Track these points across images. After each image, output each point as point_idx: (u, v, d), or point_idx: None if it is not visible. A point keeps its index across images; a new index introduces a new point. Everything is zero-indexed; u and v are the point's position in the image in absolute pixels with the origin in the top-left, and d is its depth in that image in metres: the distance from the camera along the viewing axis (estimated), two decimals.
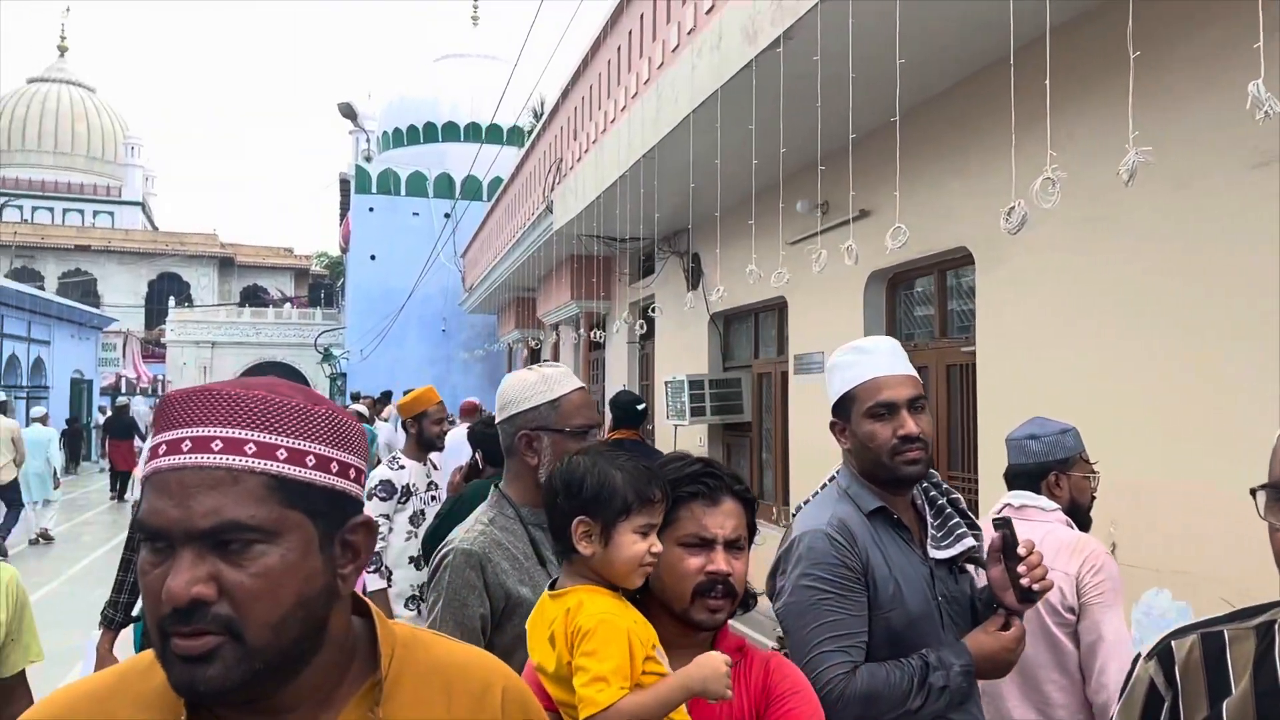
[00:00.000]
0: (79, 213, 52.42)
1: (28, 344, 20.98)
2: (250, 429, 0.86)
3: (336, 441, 0.91)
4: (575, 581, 1.45)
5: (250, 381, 0.91)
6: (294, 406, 0.89)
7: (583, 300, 12.83)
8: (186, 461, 0.84)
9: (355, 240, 24.78)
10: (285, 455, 0.87)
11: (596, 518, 1.43)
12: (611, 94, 8.54)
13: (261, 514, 0.84)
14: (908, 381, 1.94)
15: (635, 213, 8.26)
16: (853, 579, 1.82)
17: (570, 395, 1.92)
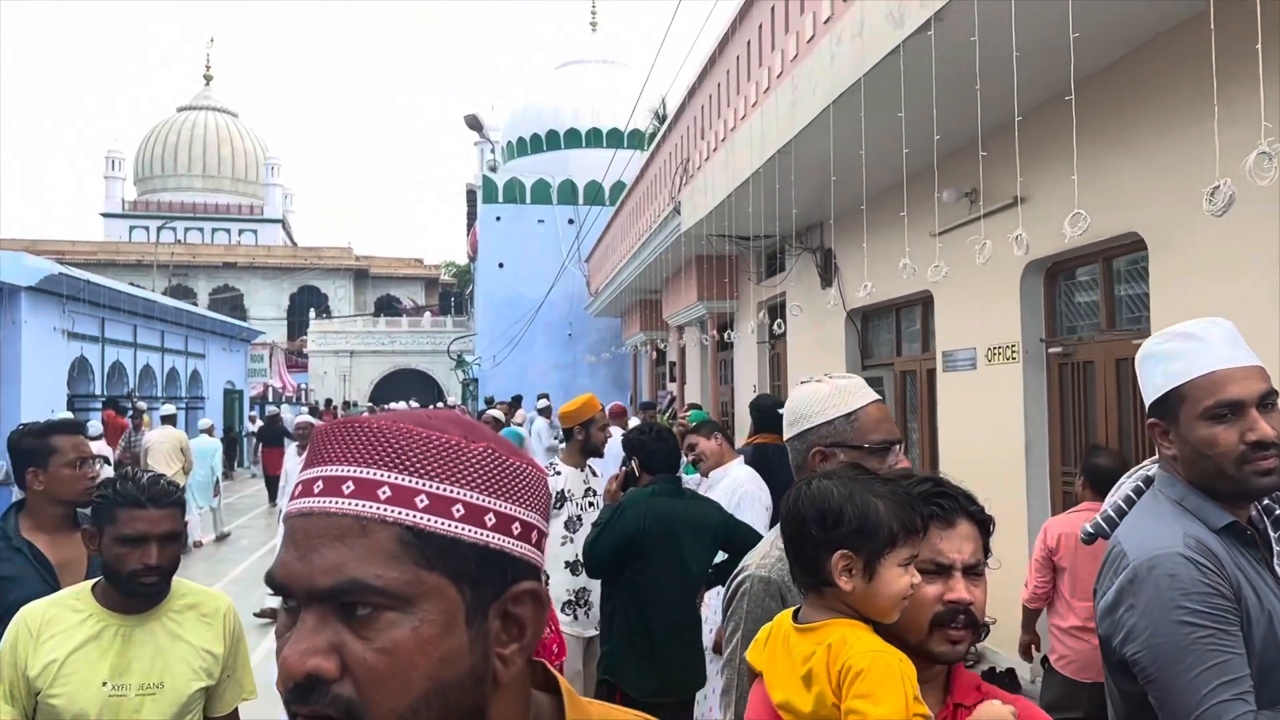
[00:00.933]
0: (226, 232, 55.67)
1: (185, 357, 22.32)
2: (387, 469, 0.71)
3: (496, 487, 0.74)
4: (825, 614, 1.33)
5: (408, 414, 0.76)
6: (444, 443, 0.73)
7: (709, 301, 12.70)
8: (314, 506, 0.71)
9: (483, 249, 25.38)
10: (426, 503, 0.71)
11: (859, 551, 1.30)
12: (741, 90, 8.39)
13: (391, 574, 0.69)
14: (1255, 374, 1.59)
15: (767, 210, 8.08)
16: (1230, 610, 1.51)
17: (867, 408, 1.78)
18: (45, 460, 2.61)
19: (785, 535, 1.39)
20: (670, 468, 3.36)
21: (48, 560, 2.55)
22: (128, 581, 1.99)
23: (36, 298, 14.84)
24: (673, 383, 18.06)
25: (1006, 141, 5.20)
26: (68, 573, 2.55)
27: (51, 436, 2.65)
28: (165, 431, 11.10)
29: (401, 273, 56.46)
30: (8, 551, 2.53)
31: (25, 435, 2.68)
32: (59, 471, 2.61)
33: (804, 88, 6.33)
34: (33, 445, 2.63)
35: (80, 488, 2.63)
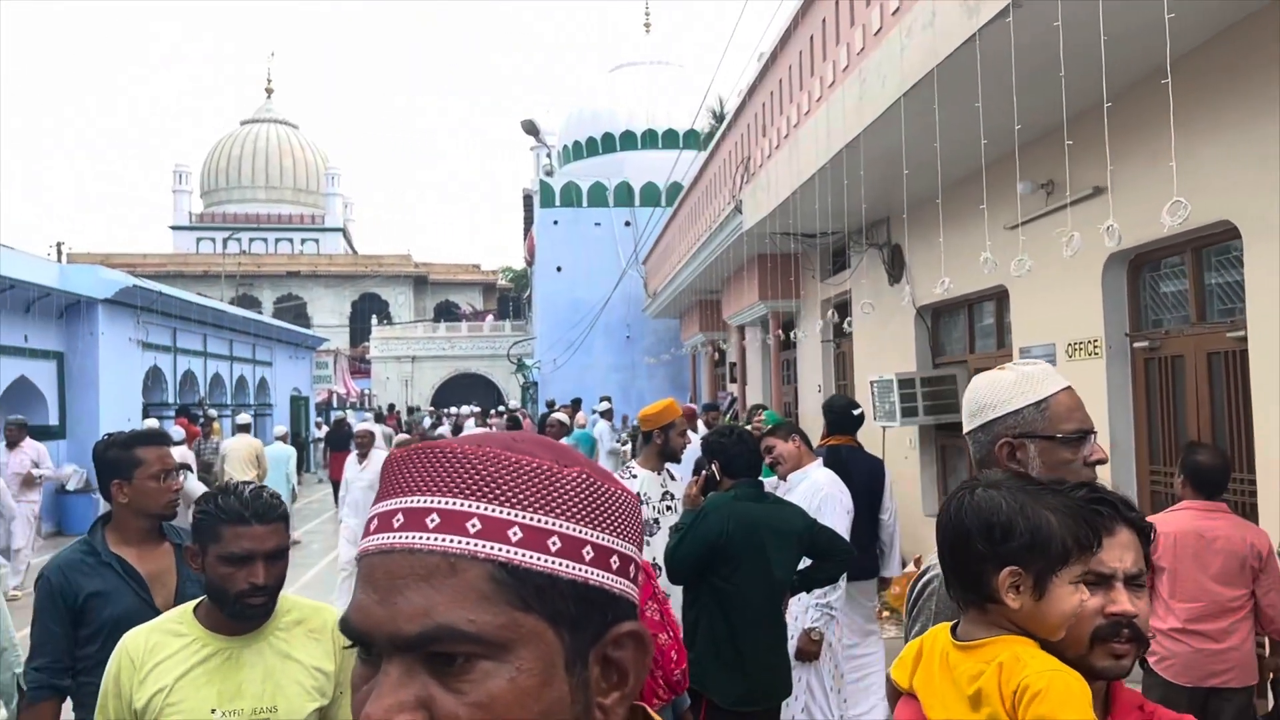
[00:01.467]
0: (289, 241, 56.87)
1: (253, 365, 22.82)
2: (476, 498, 0.64)
3: (592, 517, 0.66)
4: (988, 631, 1.25)
5: (491, 437, 0.68)
6: (535, 468, 0.65)
7: (771, 300, 12.56)
8: (395, 543, 0.64)
9: (541, 253, 25.52)
10: (520, 536, 0.64)
11: (1029, 568, 1.22)
12: (804, 86, 8.27)
13: (485, 618, 0.62)
14: None
15: (833, 206, 7.95)
16: None
17: (1058, 395, 1.68)
18: (130, 472, 2.56)
19: (944, 545, 1.31)
20: (752, 471, 3.28)
21: (138, 573, 2.52)
22: (234, 603, 1.90)
23: (113, 310, 15.29)
24: (733, 383, 17.93)
25: (1086, 129, 5.02)
26: (158, 585, 2.54)
27: (136, 448, 2.60)
28: (242, 439, 11.35)
29: (460, 278, 57.12)
30: (98, 567, 2.50)
31: (110, 446, 2.63)
32: (144, 484, 2.56)
33: (872, 81, 6.20)
34: (117, 457, 2.58)
35: (165, 500, 2.60)
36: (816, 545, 3.23)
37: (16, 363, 13.53)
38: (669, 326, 23.97)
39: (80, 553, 2.52)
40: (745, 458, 3.26)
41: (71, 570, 2.47)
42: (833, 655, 3.77)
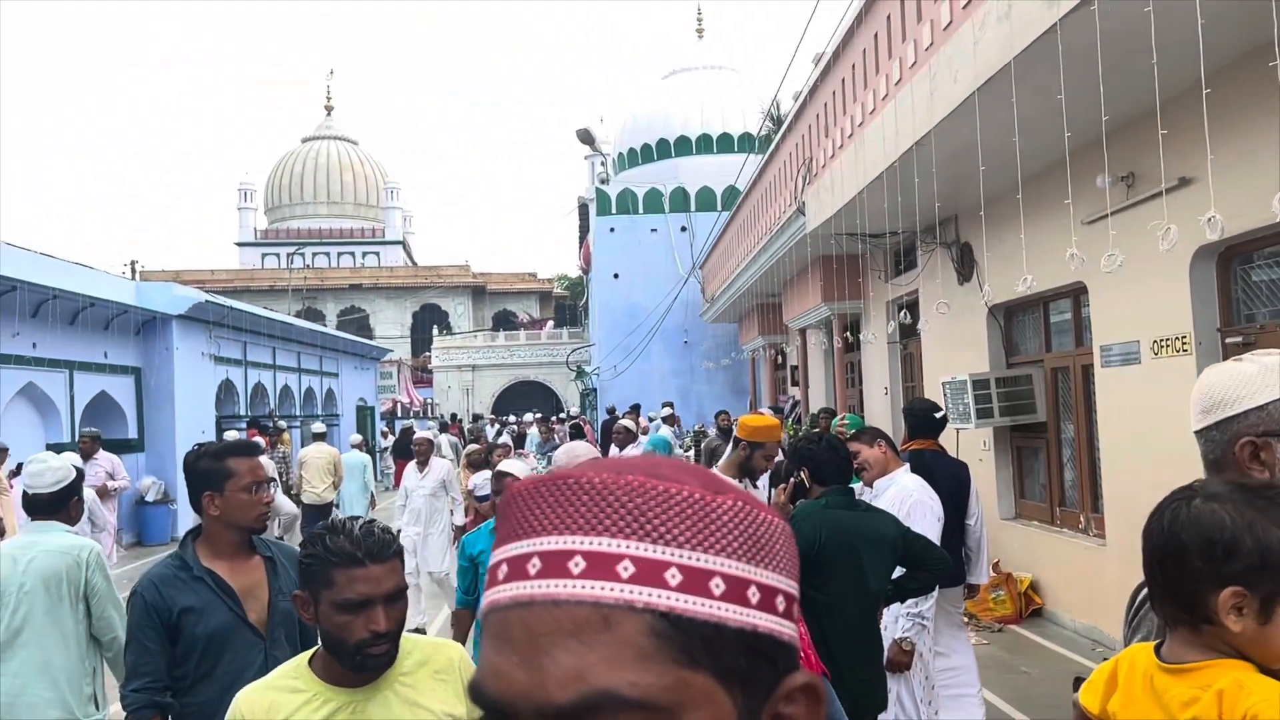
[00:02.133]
0: (350, 255, 57.98)
1: (320, 377, 23.26)
2: (625, 536, 0.55)
3: (755, 552, 0.57)
4: (1201, 654, 1.17)
5: (626, 463, 0.59)
6: (688, 499, 0.56)
7: (834, 302, 12.39)
8: (534, 592, 0.55)
9: (598, 261, 25.60)
10: (679, 579, 0.54)
11: (1255, 589, 1.13)
12: (869, 85, 8.14)
13: (649, 679, 0.53)
14: None
15: (902, 206, 7.82)
16: None
17: None
18: (221, 484, 2.49)
19: (1153, 560, 1.22)
20: (842, 478, 3.21)
21: (230, 588, 2.48)
22: (355, 654, 1.70)
23: (186, 325, 15.70)
24: (795, 386, 17.75)
25: (1171, 118, 4.85)
26: (251, 599, 2.51)
27: (228, 459, 2.53)
28: (319, 447, 11.64)
29: (516, 287, 57.65)
30: (191, 581, 2.45)
31: (201, 457, 2.56)
32: (235, 496, 2.50)
33: (943, 76, 6.07)
34: (209, 468, 2.52)
35: (256, 513, 2.53)
36: (911, 554, 3.14)
37: (97, 379, 13.96)
38: (727, 331, 23.85)
39: (173, 567, 2.48)
40: (835, 464, 3.19)
41: (165, 585, 2.43)
42: (924, 666, 3.67)
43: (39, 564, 3.22)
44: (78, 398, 13.44)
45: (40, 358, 12.53)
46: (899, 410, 11.85)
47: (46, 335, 12.60)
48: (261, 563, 2.59)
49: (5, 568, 3.21)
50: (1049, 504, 8.14)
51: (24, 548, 3.29)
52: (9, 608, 3.17)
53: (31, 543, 3.30)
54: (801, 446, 3.27)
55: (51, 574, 3.22)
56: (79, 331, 13.36)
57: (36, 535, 3.34)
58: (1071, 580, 7.49)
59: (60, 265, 13.10)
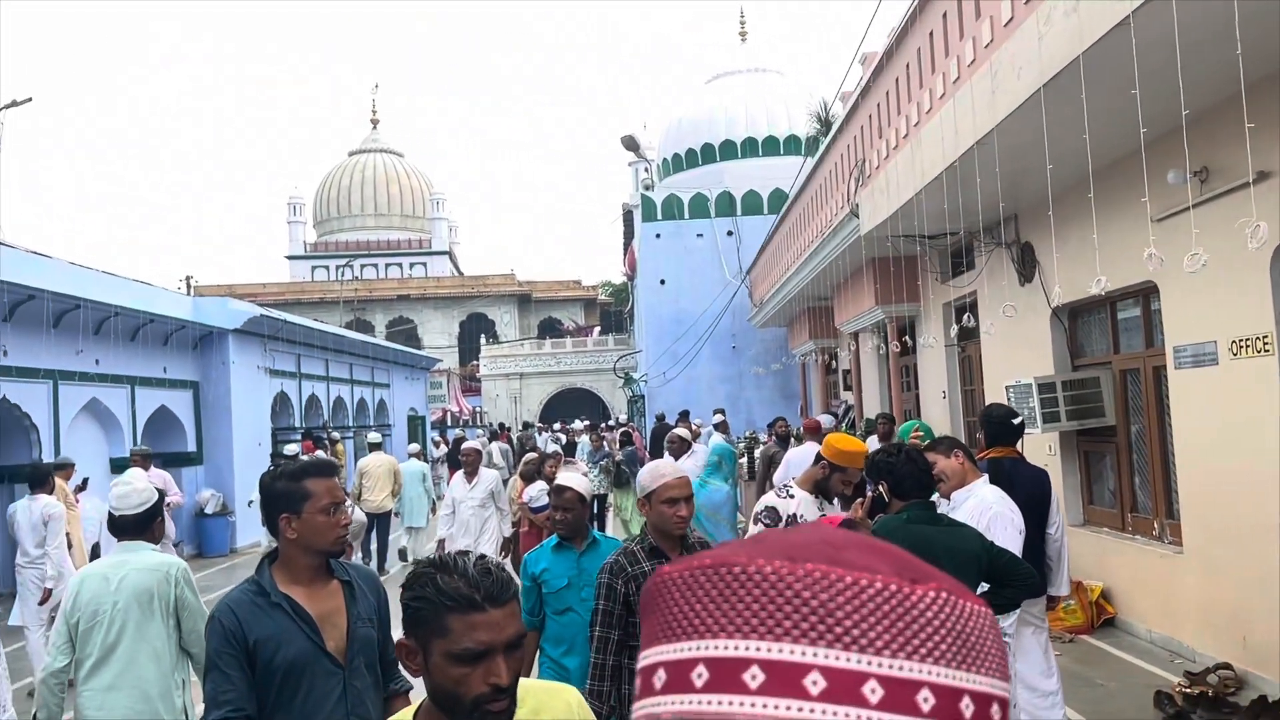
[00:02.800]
0: (398, 266, 58.67)
1: (372, 388, 23.52)
2: (810, 641, 0.46)
3: (964, 653, 0.48)
4: None
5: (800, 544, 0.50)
6: (881, 592, 0.47)
7: (888, 305, 12.19)
8: (703, 710, 0.47)
9: (644, 267, 25.57)
10: (880, 695, 0.45)
11: None
12: (925, 84, 7.99)
13: None
14: None
15: (962, 205, 7.65)
16: None
17: None
18: (299, 506, 2.40)
19: None
20: (924, 491, 3.10)
21: (309, 615, 2.38)
22: (471, 711, 1.50)
23: (242, 339, 15.95)
24: (847, 391, 17.53)
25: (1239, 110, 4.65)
26: (329, 626, 2.42)
27: (306, 480, 2.43)
28: (379, 457, 11.86)
29: (561, 295, 57.88)
30: (268, 608, 2.36)
31: (278, 478, 2.46)
32: (313, 518, 2.40)
33: (1005, 74, 5.92)
34: (286, 489, 2.42)
35: (334, 535, 2.44)
36: (996, 569, 3.02)
37: (157, 393, 14.23)
38: (776, 335, 23.66)
39: (249, 593, 2.39)
40: (916, 477, 3.08)
41: (242, 611, 2.35)
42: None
43: (130, 581, 3.37)
44: (139, 412, 13.70)
45: (103, 374, 12.80)
46: (957, 415, 11.63)
47: (108, 352, 12.86)
48: (339, 587, 2.49)
49: (98, 587, 3.36)
50: (1119, 510, 7.90)
51: (115, 567, 3.44)
52: (104, 624, 3.34)
53: (122, 561, 3.45)
54: (880, 459, 3.16)
55: (143, 591, 3.37)
56: (139, 347, 13.63)
57: (125, 555, 3.47)
58: (1146, 589, 7.25)
59: (120, 283, 13.38)
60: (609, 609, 3.03)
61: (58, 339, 11.73)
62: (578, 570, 3.63)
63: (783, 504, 3.76)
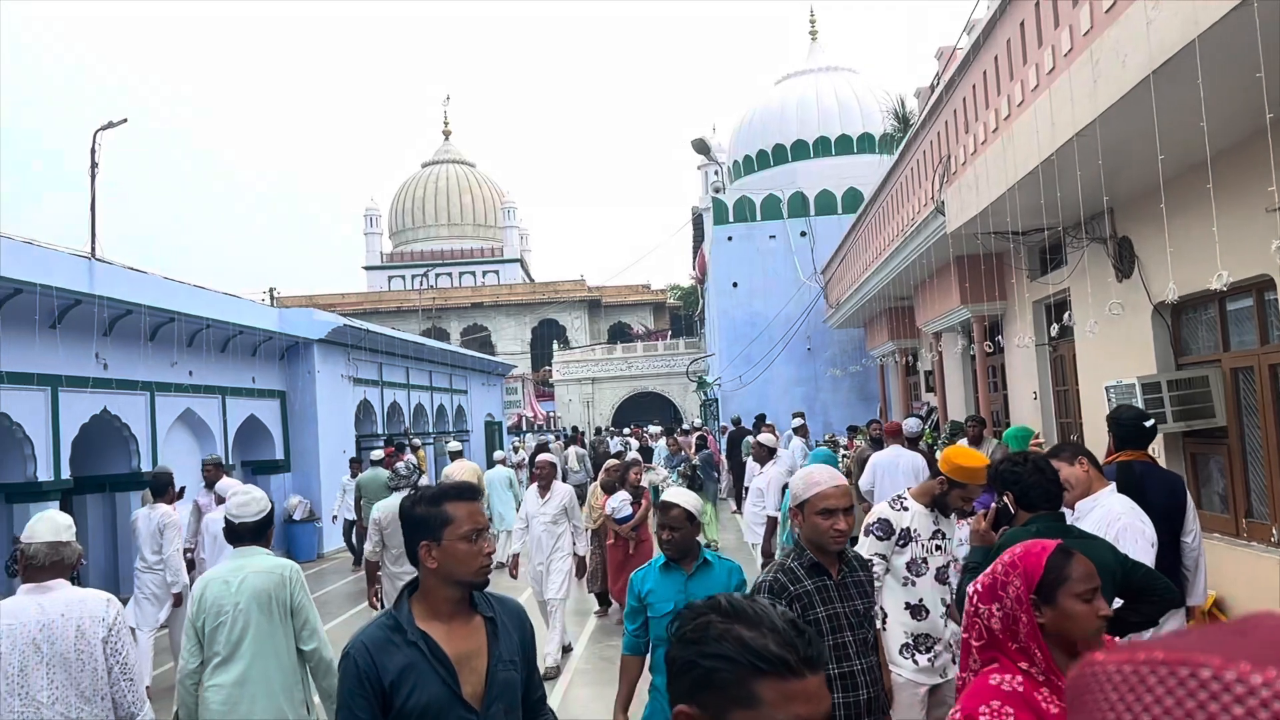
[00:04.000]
0: (471, 274, 59.54)
1: (450, 394, 23.84)
2: None
3: None
4: None
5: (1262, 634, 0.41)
6: None
7: (974, 304, 11.88)
8: None
9: (716, 270, 25.42)
10: None
11: None
12: (1016, 76, 7.74)
13: None
14: None
15: (1052, 201, 7.38)
16: None
17: None
18: (439, 532, 2.21)
19: None
20: (1051, 503, 2.95)
21: (445, 656, 2.18)
22: None
23: (326, 349, 16.31)
24: (929, 393, 17.15)
25: None
26: (467, 669, 2.21)
27: (446, 504, 2.25)
28: (461, 463, 12.08)
29: (630, 300, 58.04)
30: (404, 646, 2.16)
31: (418, 502, 2.29)
32: (454, 546, 2.21)
33: (1109, 62, 5.68)
34: (425, 515, 2.24)
35: (476, 565, 2.23)
36: (1132, 583, 2.86)
37: (247, 403, 14.62)
38: (852, 337, 23.30)
39: (385, 628, 2.21)
40: (1043, 488, 2.93)
41: (376, 649, 2.17)
42: None
43: (250, 584, 3.58)
44: (230, 422, 14.10)
45: (196, 385, 13.19)
46: (1049, 416, 11.25)
47: (201, 363, 13.26)
48: (481, 624, 2.28)
49: (220, 590, 3.58)
50: (1232, 515, 7.52)
51: (234, 571, 3.65)
52: (227, 625, 3.55)
53: (240, 566, 3.66)
54: (1005, 469, 3.02)
55: (261, 592, 3.58)
56: (229, 359, 14.02)
57: (243, 559, 3.69)
58: (1263, 599, 6.88)
59: (212, 296, 13.79)
60: None
61: (154, 352, 12.13)
62: (685, 594, 3.36)
63: (896, 516, 3.63)
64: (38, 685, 3.08)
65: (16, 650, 3.07)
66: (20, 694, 3.05)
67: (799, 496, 2.83)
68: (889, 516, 3.64)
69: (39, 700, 3.07)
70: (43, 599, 3.18)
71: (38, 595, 3.19)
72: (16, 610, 3.15)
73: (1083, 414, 9.85)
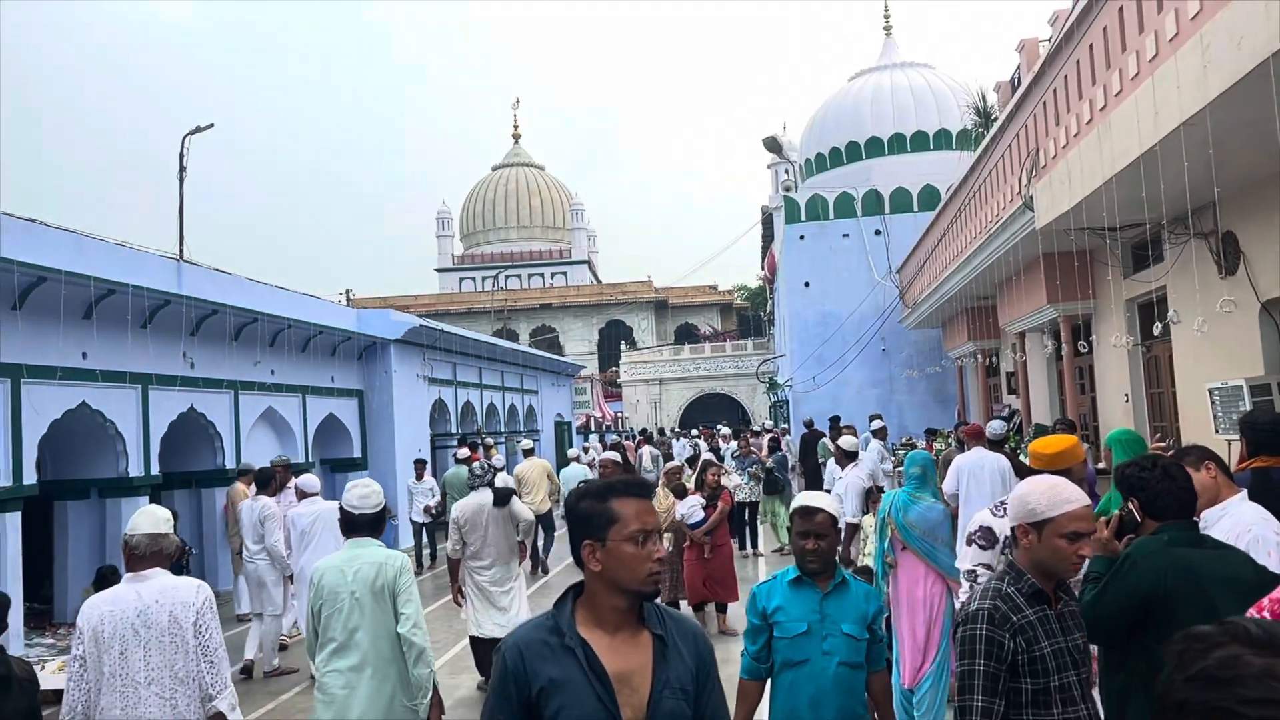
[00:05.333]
0: (540, 276, 60.05)
1: (521, 394, 24.02)
2: None
3: None
4: None
5: None
6: None
7: (1061, 303, 11.47)
8: None
9: (788, 269, 25.13)
10: None
11: None
12: (1113, 64, 7.44)
13: None
14: None
15: (1152, 195, 7.06)
16: None
17: None
18: (603, 532, 1.99)
19: None
20: (1183, 511, 2.76)
21: (604, 670, 1.93)
22: None
23: (402, 349, 16.54)
24: (1011, 395, 16.66)
25: None
26: (627, 689, 1.95)
27: (612, 500, 2.02)
28: (532, 461, 12.35)
29: (697, 300, 57.89)
30: (560, 651, 1.95)
31: (583, 498, 2.08)
32: (619, 548, 1.97)
33: (1221, 45, 5.39)
34: (590, 511, 2.03)
35: (644, 571, 1.98)
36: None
37: (326, 402, 14.90)
38: (928, 337, 22.79)
39: (543, 630, 1.99)
40: (1174, 495, 2.74)
41: (529, 651, 1.96)
42: None
43: (363, 574, 3.80)
44: (310, 420, 14.37)
45: (278, 384, 13.47)
46: (1142, 419, 10.80)
47: (282, 362, 13.54)
48: (650, 642, 2.01)
49: (336, 579, 3.81)
50: None
51: (349, 561, 3.88)
52: (344, 612, 3.77)
53: (354, 556, 3.89)
54: (1131, 473, 2.83)
55: (373, 580, 3.79)
56: (309, 358, 14.30)
57: (356, 550, 3.92)
58: None
59: (293, 297, 14.08)
60: (993, 671, 2.33)
61: (238, 351, 12.42)
62: (820, 615, 3.01)
63: (999, 523, 3.46)
64: (136, 667, 3.28)
65: (118, 635, 3.28)
66: (121, 675, 3.26)
67: (1039, 513, 2.44)
68: (991, 524, 3.47)
69: (137, 681, 3.27)
70: (140, 586, 3.38)
71: (136, 583, 3.40)
72: (117, 598, 3.38)
73: (1180, 417, 9.42)
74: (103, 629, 3.29)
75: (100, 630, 3.30)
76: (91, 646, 3.29)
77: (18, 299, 8.75)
